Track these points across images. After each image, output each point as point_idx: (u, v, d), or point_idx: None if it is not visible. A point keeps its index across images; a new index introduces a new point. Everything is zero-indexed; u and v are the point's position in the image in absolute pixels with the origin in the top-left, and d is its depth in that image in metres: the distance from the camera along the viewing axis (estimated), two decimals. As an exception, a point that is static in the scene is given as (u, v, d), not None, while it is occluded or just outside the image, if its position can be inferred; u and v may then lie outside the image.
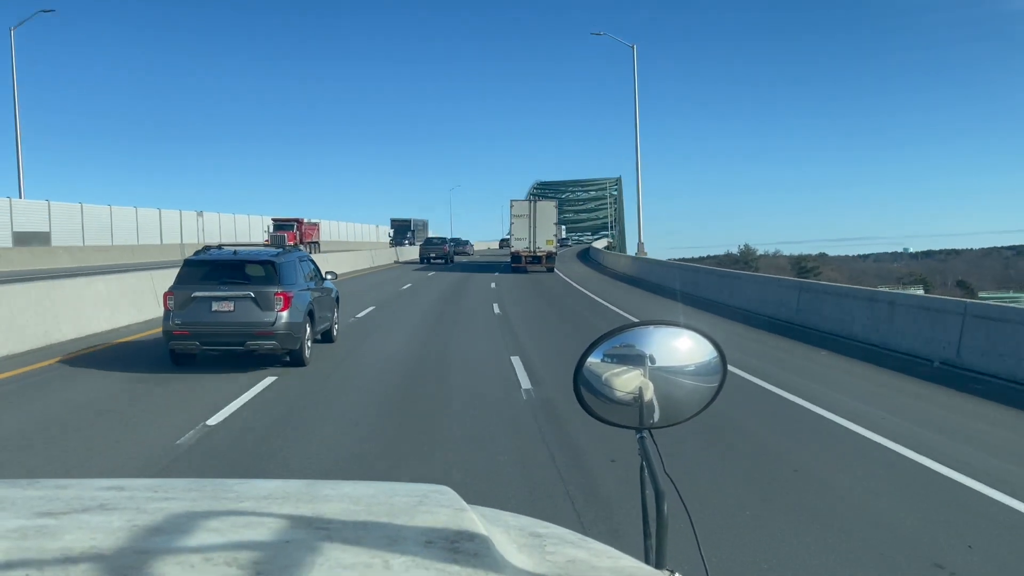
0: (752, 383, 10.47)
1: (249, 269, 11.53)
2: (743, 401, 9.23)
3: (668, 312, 21.09)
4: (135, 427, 7.92)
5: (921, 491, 6.12)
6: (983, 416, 8.96)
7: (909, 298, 15.88)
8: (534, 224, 42.53)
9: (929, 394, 10.23)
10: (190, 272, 11.38)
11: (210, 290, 11.00)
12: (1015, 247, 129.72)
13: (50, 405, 9.00)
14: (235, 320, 10.92)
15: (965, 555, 4.86)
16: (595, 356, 1.46)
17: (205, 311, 10.90)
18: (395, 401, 9.56)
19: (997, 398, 9.79)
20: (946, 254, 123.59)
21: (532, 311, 21.03)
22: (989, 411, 9.19)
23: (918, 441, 7.50)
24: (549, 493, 5.89)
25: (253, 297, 10.96)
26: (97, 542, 0.90)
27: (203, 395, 9.41)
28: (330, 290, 13.77)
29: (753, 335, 16.23)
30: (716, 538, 4.90)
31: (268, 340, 10.89)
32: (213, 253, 12.01)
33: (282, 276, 11.36)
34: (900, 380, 11.23)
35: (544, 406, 8.95)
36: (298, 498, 1.11)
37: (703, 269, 31.11)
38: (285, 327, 10.96)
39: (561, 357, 11.89)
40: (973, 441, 7.74)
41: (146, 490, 1.15)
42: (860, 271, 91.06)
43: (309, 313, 11.76)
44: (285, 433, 7.65)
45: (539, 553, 1.02)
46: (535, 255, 42.19)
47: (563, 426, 7.92)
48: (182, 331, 10.88)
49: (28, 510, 1.02)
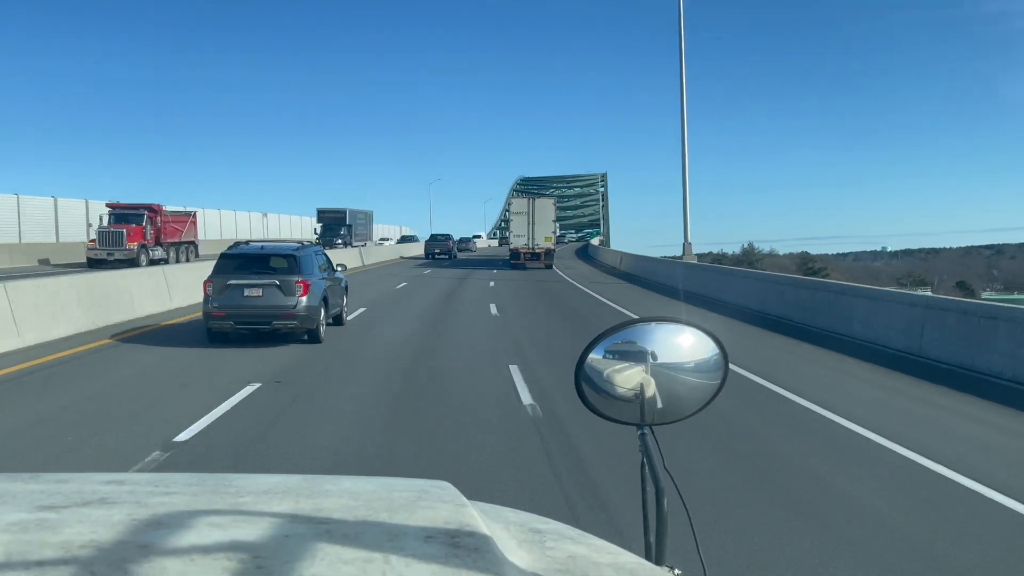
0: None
1: (274, 262, 13.70)
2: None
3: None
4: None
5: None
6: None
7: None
8: (532, 221, 43.23)
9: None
10: (225, 264, 13.63)
11: (242, 279, 13.11)
12: (992, 246, 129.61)
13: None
14: (263, 304, 13.02)
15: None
16: (597, 352, 1.46)
17: (238, 296, 13.04)
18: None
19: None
20: (926, 253, 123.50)
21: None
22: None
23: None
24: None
25: (278, 285, 13.03)
26: (98, 536, 0.90)
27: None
28: (340, 280, 15.74)
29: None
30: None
31: (290, 320, 13.04)
32: (243, 248, 14.55)
33: (302, 267, 13.48)
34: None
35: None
36: (298, 493, 1.11)
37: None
38: (304, 310, 13.07)
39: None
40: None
41: (147, 484, 1.16)
42: (849, 270, 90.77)
43: (324, 299, 13.77)
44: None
45: (539, 549, 1.02)
46: (534, 252, 42.95)
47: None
48: (219, 312, 13.03)
49: (29, 504, 1.02)
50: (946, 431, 8.17)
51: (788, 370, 11.81)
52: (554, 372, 10.63)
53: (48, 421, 8.04)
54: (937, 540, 5.08)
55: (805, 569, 4.59)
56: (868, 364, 12.41)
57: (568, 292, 27.60)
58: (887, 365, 12.20)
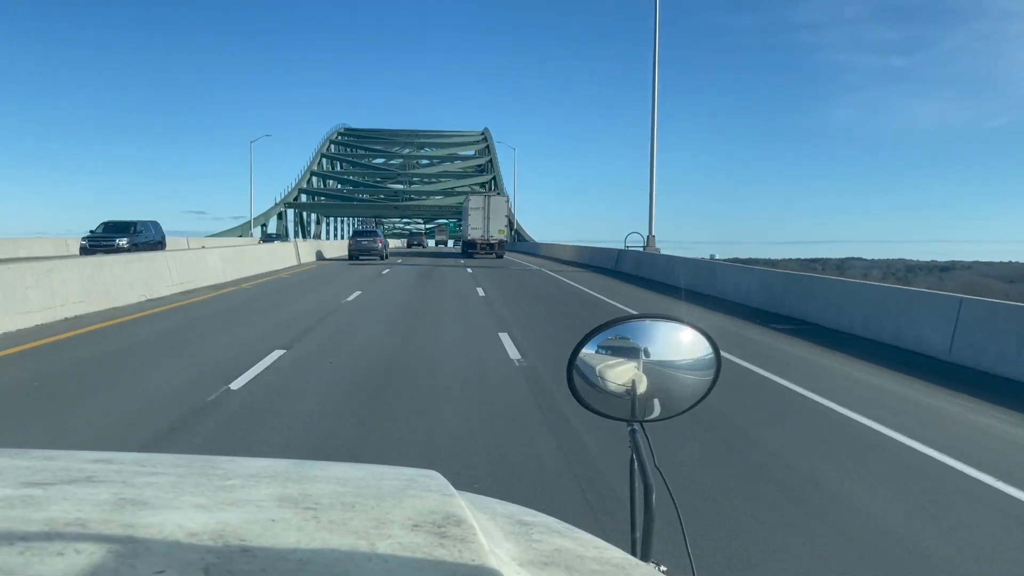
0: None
1: (371, 232, 47.74)
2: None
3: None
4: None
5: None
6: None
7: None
8: (488, 217, 49.93)
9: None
10: (355, 233, 47.89)
11: (362, 238, 46.25)
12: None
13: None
14: (370, 248, 44.66)
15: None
16: (589, 347, 1.46)
17: (361, 243, 44.95)
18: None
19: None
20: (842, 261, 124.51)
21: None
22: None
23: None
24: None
25: (374, 240, 45.61)
26: (83, 514, 0.90)
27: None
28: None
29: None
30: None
31: (379, 256, 44.84)
32: (361, 228, 56.54)
33: (381, 234, 48.42)
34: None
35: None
36: (286, 477, 1.10)
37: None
38: (384, 251, 46.04)
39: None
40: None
41: (134, 464, 1.16)
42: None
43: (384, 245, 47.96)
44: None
45: (526, 541, 1.02)
46: (489, 243, 49.73)
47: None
48: (355, 250, 44.51)
49: (15, 480, 1.02)
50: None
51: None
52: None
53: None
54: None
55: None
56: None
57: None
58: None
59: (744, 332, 15.22)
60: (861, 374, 11.18)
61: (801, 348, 13.54)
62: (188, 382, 8.92)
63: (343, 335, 13.30)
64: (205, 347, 11.73)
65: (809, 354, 12.90)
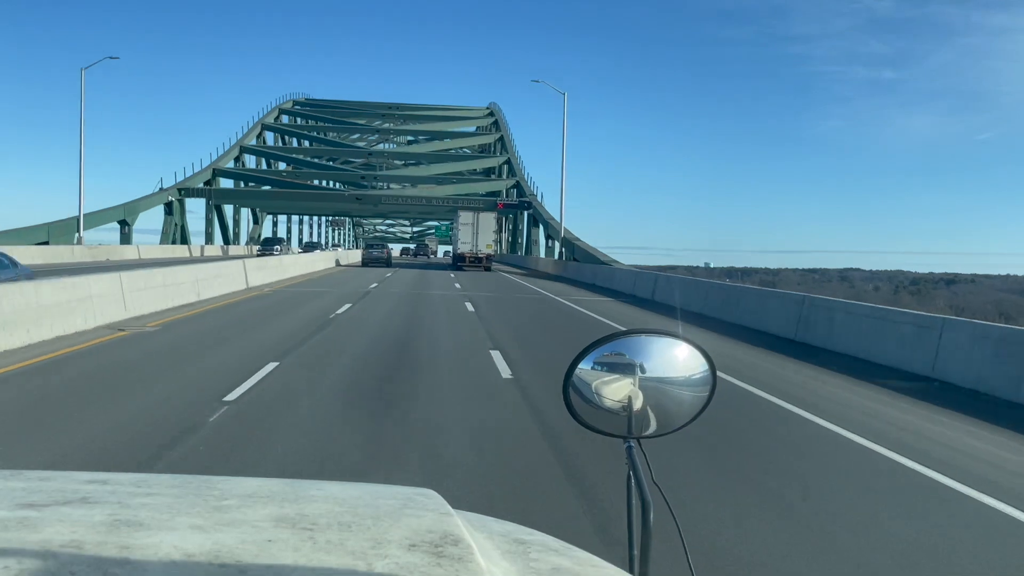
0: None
1: (380, 245, 61.19)
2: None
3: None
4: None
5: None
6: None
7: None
8: (477, 231, 52.54)
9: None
10: (366, 244, 68.04)
11: (373, 249, 57.31)
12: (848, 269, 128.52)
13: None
14: (379, 257, 54.37)
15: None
16: (585, 364, 1.46)
17: (372, 253, 55.27)
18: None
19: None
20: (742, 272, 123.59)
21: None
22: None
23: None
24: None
25: (382, 250, 56.78)
26: (78, 536, 0.89)
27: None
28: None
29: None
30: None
31: (385, 264, 53.87)
32: (372, 242, 74.57)
33: (386, 245, 62.97)
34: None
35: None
36: (283, 497, 1.10)
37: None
38: (389, 259, 58.08)
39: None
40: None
41: (129, 484, 1.15)
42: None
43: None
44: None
45: (523, 560, 1.02)
46: (477, 256, 52.21)
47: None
48: (367, 259, 54.52)
49: (10, 501, 1.02)
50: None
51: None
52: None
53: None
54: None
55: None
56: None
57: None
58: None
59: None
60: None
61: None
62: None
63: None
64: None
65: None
